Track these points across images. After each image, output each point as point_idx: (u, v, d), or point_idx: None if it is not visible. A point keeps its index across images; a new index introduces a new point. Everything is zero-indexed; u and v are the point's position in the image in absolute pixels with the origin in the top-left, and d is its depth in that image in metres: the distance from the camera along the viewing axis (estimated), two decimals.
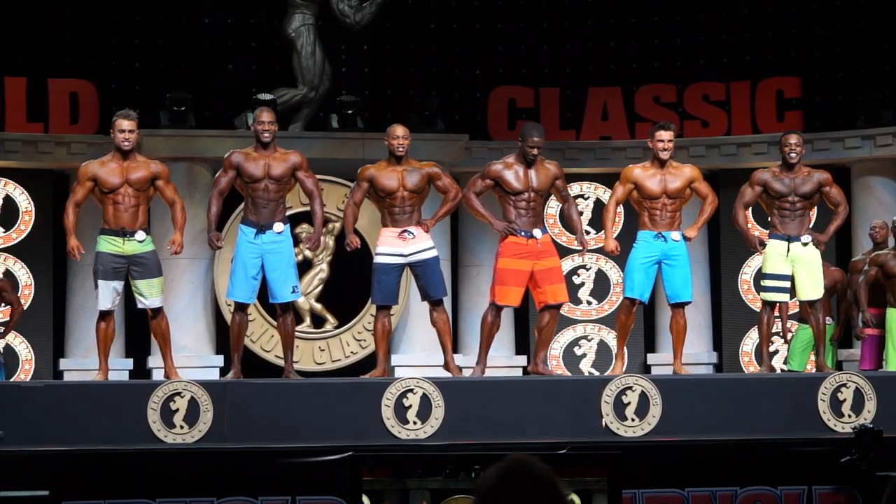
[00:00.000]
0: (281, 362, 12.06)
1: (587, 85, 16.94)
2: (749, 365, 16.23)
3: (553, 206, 15.67)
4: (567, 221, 11.61)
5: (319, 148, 15.45)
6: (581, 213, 15.42)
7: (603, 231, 11.47)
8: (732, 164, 16.39)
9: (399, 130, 10.96)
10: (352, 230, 10.99)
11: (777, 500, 9.59)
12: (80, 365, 15.12)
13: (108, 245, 10.49)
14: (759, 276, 11.95)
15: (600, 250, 13.44)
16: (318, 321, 15.85)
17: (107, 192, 10.51)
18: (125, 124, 10.57)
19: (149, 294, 10.59)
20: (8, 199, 15.69)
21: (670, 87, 16.93)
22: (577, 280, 16.51)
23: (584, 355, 16.55)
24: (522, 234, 10.84)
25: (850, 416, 10.13)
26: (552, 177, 11.02)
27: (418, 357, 15.33)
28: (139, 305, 10.77)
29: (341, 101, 16.04)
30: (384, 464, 9.69)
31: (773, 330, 12.84)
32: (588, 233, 15.70)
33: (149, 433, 9.57)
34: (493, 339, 11.08)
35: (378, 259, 10.92)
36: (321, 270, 15.84)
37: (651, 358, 16.29)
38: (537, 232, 10.89)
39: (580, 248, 11.44)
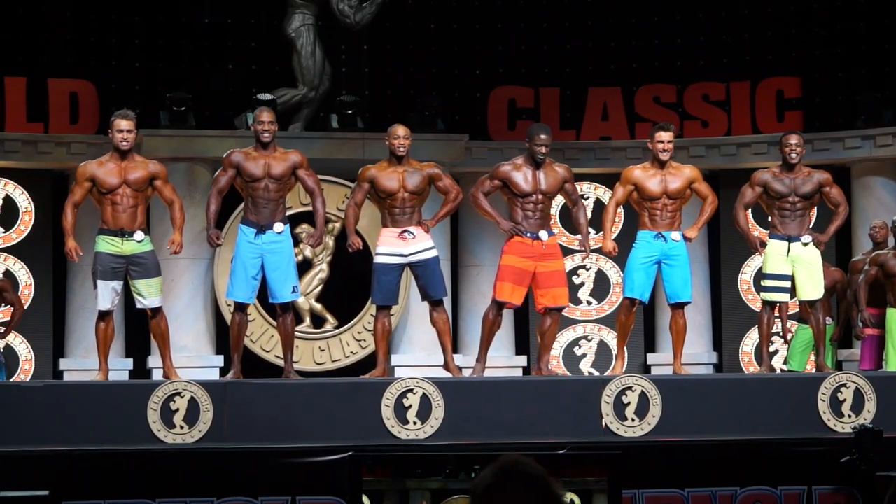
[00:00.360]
0: (281, 362, 12.05)
1: (587, 85, 16.93)
2: (749, 365, 16.22)
3: (553, 206, 15.63)
4: (574, 224, 11.59)
5: (319, 148, 15.43)
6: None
7: (602, 231, 11.47)
8: (732, 164, 16.37)
9: (400, 130, 10.95)
10: (353, 231, 10.98)
11: (777, 500, 9.58)
12: (80, 365, 15.11)
13: (107, 245, 10.48)
14: (760, 276, 11.95)
15: (599, 250, 13.43)
16: (318, 321, 15.84)
17: (105, 192, 10.50)
18: (123, 124, 10.55)
19: (148, 294, 10.58)
20: (8, 199, 15.68)
21: (670, 87, 16.92)
22: (577, 280, 16.50)
23: (584, 355, 16.54)
24: (528, 235, 10.83)
25: (850, 416, 10.12)
26: (561, 179, 11.00)
27: (418, 357, 15.31)
28: (138, 305, 10.77)
29: (341, 101, 16.02)
30: (384, 464, 9.67)
31: (774, 330, 12.84)
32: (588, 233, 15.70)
33: (149, 433, 9.57)
34: (493, 337, 11.08)
35: (378, 259, 10.91)
36: (321, 270, 15.82)
37: (651, 358, 16.28)
38: (543, 234, 10.87)
39: (582, 249, 11.42)
